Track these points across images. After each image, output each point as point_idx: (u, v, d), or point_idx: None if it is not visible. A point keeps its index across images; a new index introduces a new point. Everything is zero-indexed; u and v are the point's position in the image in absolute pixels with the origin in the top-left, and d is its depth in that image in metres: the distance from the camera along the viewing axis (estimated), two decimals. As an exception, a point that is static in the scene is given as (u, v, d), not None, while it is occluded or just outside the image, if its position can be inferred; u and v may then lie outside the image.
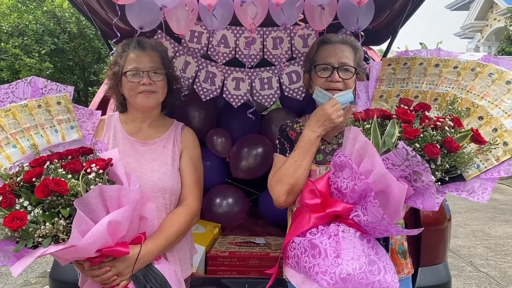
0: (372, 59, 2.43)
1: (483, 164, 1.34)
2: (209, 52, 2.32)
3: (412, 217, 2.19)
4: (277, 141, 1.77)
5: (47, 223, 1.29)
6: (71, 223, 1.28)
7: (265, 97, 2.42)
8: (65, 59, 8.92)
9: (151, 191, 1.60)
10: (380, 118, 1.39)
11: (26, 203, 1.32)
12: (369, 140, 1.33)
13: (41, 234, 1.29)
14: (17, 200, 1.32)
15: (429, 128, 1.32)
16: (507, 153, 1.32)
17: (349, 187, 1.38)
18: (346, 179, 1.40)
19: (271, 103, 2.44)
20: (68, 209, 1.32)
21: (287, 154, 1.69)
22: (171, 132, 1.77)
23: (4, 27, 8.34)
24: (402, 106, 1.42)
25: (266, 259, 2.41)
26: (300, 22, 1.87)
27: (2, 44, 8.10)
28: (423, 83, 1.57)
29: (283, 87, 2.38)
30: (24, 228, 1.27)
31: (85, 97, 9.13)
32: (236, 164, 3.09)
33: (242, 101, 2.42)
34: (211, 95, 2.40)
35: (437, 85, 1.55)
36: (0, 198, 1.32)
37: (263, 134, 3.25)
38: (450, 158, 1.29)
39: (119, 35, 1.90)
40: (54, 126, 1.61)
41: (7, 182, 1.38)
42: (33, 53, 8.17)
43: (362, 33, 1.94)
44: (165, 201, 1.65)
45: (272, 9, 1.87)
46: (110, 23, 2.02)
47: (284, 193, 1.61)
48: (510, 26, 13.18)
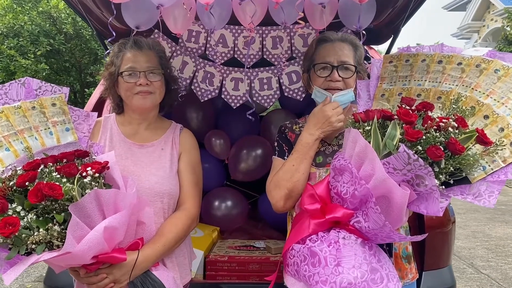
0: (373, 58, 2.40)
1: (489, 166, 1.28)
2: (207, 52, 2.28)
3: (415, 220, 2.16)
4: (275, 143, 1.74)
5: (41, 229, 1.25)
6: (66, 229, 1.25)
7: (265, 97, 2.39)
8: (61, 60, 8.88)
9: (148, 195, 1.57)
10: (381, 119, 1.34)
11: (19, 208, 1.28)
12: (370, 142, 1.28)
13: (35, 241, 1.25)
14: (9, 205, 1.28)
15: (432, 130, 1.26)
16: (515, 154, 1.27)
17: (349, 192, 1.33)
18: (346, 184, 1.35)
19: (271, 103, 2.41)
20: (62, 214, 1.28)
21: (286, 157, 1.65)
22: (169, 134, 1.73)
23: (-1, 28, 8.29)
24: (403, 106, 1.37)
25: (266, 263, 2.38)
26: (300, 21, 1.84)
27: (-3, 45, 8.06)
28: (426, 80, 1.52)
29: (283, 87, 2.35)
30: (16, 234, 1.23)
31: (81, 99, 9.10)
32: (235, 166, 3.05)
33: (241, 101, 2.39)
34: (209, 96, 2.37)
35: (440, 82, 1.49)
36: (-8, 203, 1.28)
37: (262, 135, 3.22)
38: (454, 161, 1.24)
39: (114, 34, 1.87)
40: (49, 128, 1.57)
41: (-1, 186, 1.33)
42: (29, 54, 8.10)
43: (364, 32, 1.91)
44: (163, 205, 1.61)
45: (272, 7, 1.84)
46: (105, 22, 1.99)
47: (282, 198, 1.57)
48: (507, 26, 13.18)
